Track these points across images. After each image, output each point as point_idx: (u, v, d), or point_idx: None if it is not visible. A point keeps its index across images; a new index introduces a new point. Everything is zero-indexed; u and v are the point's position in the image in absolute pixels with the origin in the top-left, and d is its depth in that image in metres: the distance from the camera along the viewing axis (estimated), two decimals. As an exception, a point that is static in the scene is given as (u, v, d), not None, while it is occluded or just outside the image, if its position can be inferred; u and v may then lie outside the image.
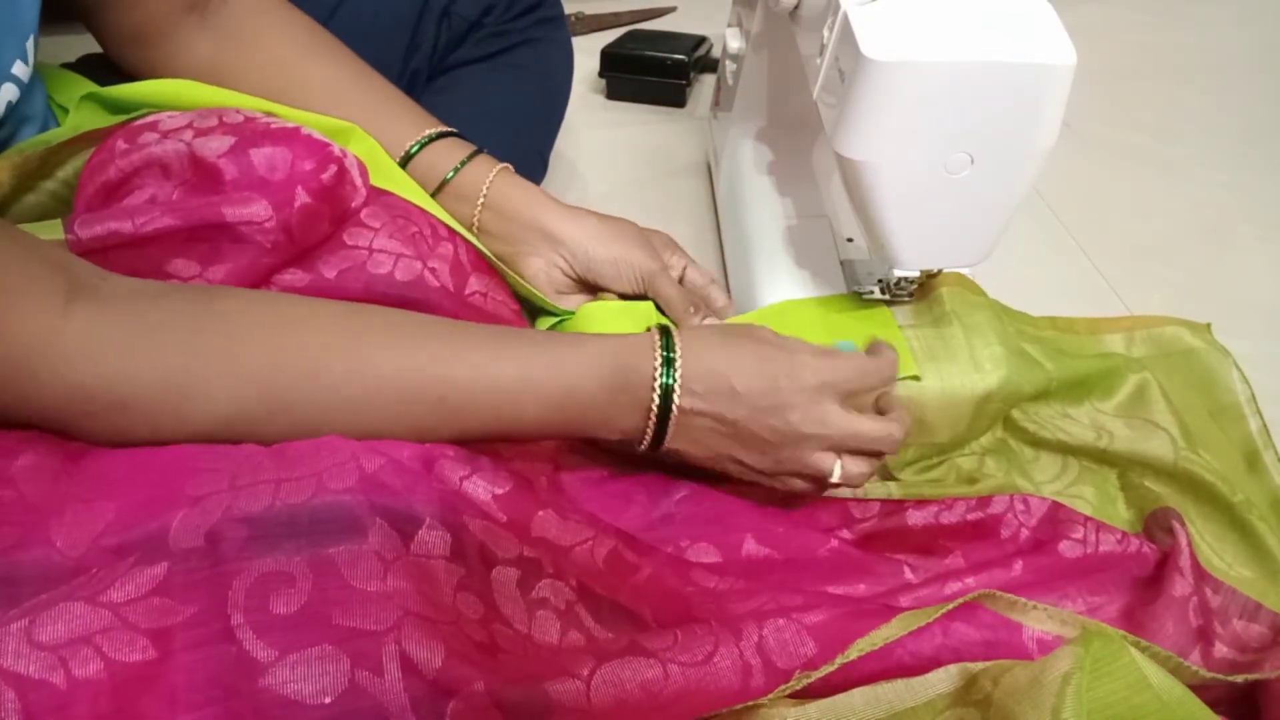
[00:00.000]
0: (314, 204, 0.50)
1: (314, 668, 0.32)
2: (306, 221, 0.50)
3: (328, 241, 0.53)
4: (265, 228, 0.49)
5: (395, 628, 0.34)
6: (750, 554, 0.52)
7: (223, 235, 0.48)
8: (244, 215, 0.48)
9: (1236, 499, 0.60)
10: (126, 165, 0.50)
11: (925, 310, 0.64)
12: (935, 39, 0.47)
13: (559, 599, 0.43)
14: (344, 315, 0.45)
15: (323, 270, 0.52)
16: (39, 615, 0.32)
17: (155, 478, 0.38)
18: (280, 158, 0.50)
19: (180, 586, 0.34)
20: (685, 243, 0.70)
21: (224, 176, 0.49)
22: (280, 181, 0.49)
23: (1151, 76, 1.19)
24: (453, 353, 0.45)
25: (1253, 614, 0.55)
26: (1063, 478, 0.64)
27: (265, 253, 0.49)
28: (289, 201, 0.49)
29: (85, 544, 0.35)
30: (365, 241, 0.53)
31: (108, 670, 0.32)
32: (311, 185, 0.50)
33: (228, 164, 0.49)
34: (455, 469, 0.43)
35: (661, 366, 0.48)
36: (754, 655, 0.41)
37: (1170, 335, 0.70)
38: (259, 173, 0.49)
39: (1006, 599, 0.45)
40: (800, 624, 0.43)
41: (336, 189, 0.52)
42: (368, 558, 0.36)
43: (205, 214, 0.48)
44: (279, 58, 0.61)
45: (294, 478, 0.38)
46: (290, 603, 0.34)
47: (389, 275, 0.53)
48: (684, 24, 1.20)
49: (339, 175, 0.51)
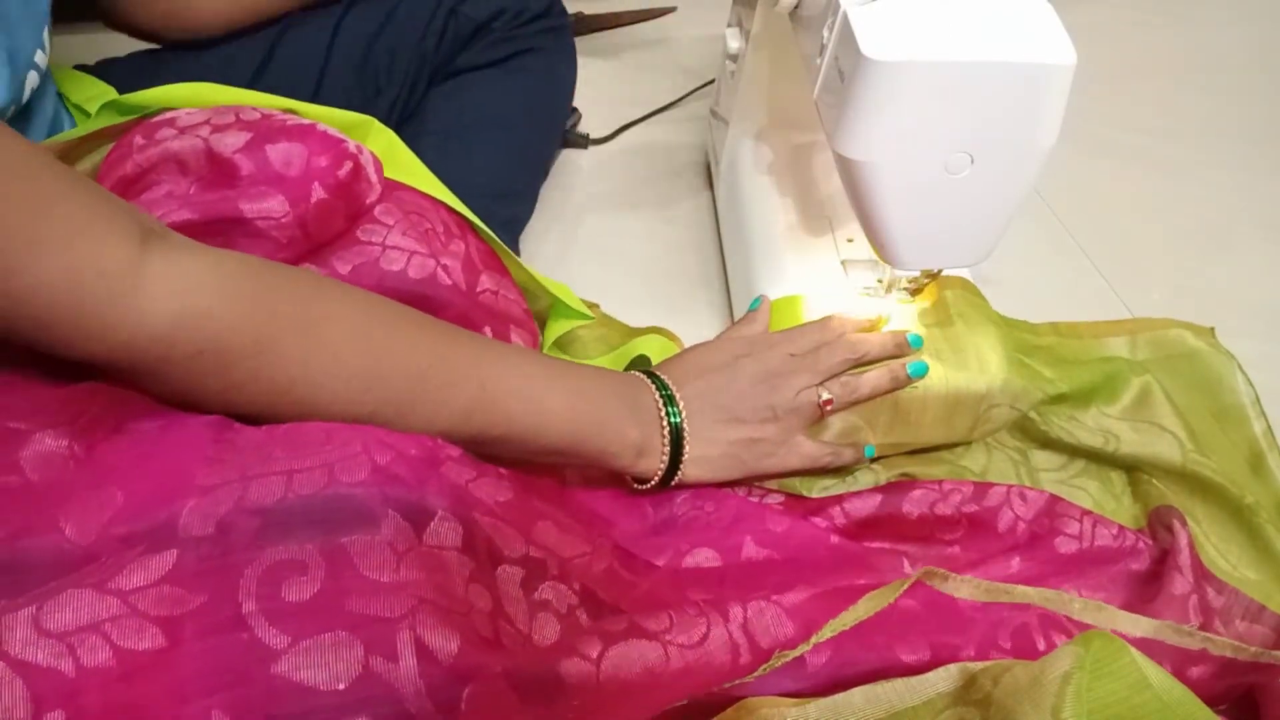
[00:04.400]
0: (329, 200, 0.50)
1: (327, 654, 0.32)
2: (322, 217, 0.50)
3: (342, 237, 0.53)
4: (281, 223, 0.49)
5: (410, 614, 0.34)
6: (750, 556, 0.52)
7: (238, 230, 0.48)
8: (260, 210, 0.48)
9: (1245, 501, 0.60)
10: (144, 160, 0.50)
11: (930, 312, 0.64)
12: (935, 39, 0.47)
13: (561, 603, 0.43)
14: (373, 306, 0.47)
15: (336, 266, 0.52)
16: (47, 603, 0.32)
17: (164, 466, 0.38)
18: (296, 153, 0.50)
19: (190, 575, 0.34)
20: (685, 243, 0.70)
21: (240, 172, 0.49)
22: (296, 177, 0.49)
23: (1151, 76, 1.19)
24: (486, 347, 0.50)
25: (1256, 615, 0.55)
26: (1068, 468, 0.65)
27: (280, 247, 0.50)
28: (305, 197, 0.49)
29: (94, 532, 0.35)
30: (379, 238, 0.53)
31: (116, 658, 0.31)
32: (327, 181, 0.50)
33: (244, 159, 0.49)
34: (461, 472, 0.43)
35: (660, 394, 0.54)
36: (740, 634, 0.44)
37: (1173, 338, 0.70)
38: (275, 168, 0.49)
39: (941, 574, 0.50)
40: (780, 605, 0.46)
41: (352, 185, 0.52)
42: (381, 548, 0.36)
43: (221, 208, 0.48)
44: None
45: (306, 469, 0.37)
46: (303, 590, 0.34)
47: (402, 272, 0.53)
48: (684, 24, 1.19)
49: (354, 171, 0.52)
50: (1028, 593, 0.50)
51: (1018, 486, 0.59)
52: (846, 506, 0.57)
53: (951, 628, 0.48)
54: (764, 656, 0.43)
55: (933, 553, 0.56)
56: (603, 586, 0.46)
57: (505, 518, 0.43)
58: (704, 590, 0.49)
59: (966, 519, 0.57)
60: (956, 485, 0.58)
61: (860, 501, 0.57)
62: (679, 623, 0.43)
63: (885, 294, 0.66)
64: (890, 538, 0.56)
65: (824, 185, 0.76)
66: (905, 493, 0.57)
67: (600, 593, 0.46)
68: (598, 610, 0.45)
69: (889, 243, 0.57)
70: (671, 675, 0.41)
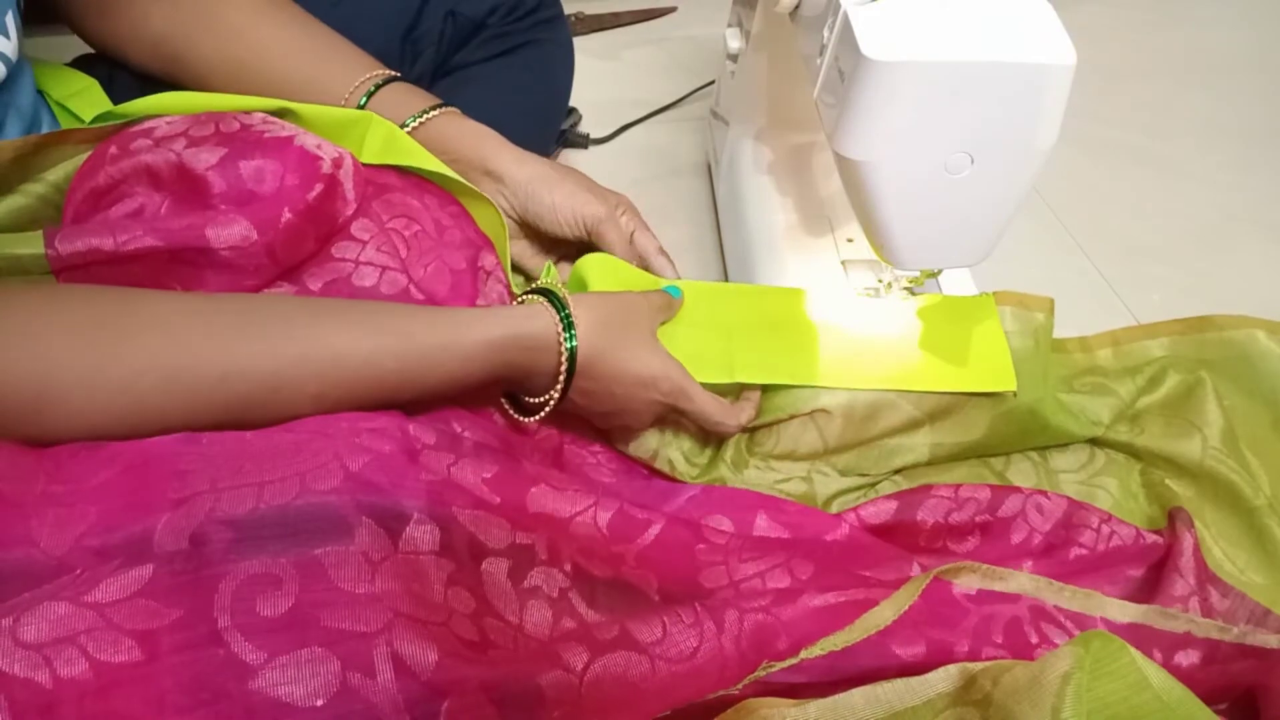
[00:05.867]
0: (297, 223, 0.50)
1: (304, 670, 0.32)
2: (290, 242, 0.50)
3: (314, 254, 0.53)
4: (248, 251, 0.48)
5: (386, 629, 0.34)
6: (763, 531, 0.52)
7: (205, 258, 0.48)
8: (226, 238, 0.47)
9: (1259, 503, 0.60)
10: (116, 172, 0.49)
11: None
12: (935, 39, 0.47)
13: (551, 587, 0.43)
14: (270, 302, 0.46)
15: (308, 283, 0.52)
16: (23, 614, 0.32)
17: (135, 479, 0.38)
18: (270, 170, 0.49)
19: (165, 589, 0.34)
20: (686, 242, 0.69)
21: (212, 190, 0.49)
22: (267, 196, 0.49)
23: (1151, 76, 1.19)
24: (395, 308, 0.48)
25: (1260, 619, 0.55)
26: (1088, 467, 0.65)
27: (248, 274, 0.49)
28: (274, 222, 0.48)
29: (68, 544, 0.35)
30: (353, 254, 0.53)
31: (94, 670, 0.31)
32: (297, 205, 0.49)
33: (216, 177, 0.49)
34: (440, 458, 0.43)
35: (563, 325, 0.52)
36: (732, 646, 0.44)
37: (1242, 338, 0.69)
38: (247, 185, 0.49)
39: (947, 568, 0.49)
40: (777, 619, 0.46)
41: (322, 206, 0.51)
42: (355, 559, 0.35)
43: (187, 237, 0.47)
44: (235, 24, 0.61)
45: (277, 479, 0.37)
46: (278, 604, 0.34)
47: (374, 288, 0.52)
48: (684, 24, 1.20)
49: (326, 192, 0.51)
50: (1020, 580, 0.51)
51: (1036, 494, 0.58)
52: (862, 514, 0.57)
53: (945, 620, 0.48)
54: (749, 668, 0.43)
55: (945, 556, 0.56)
56: (606, 545, 0.46)
57: (495, 496, 0.43)
58: (719, 534, 0.50)
59: (980, 529, 0.57)
60: (973, 492, 0.58)
61: (875, 509, 0.57)
62: (671, 633, 0.43)
63: (886, 293, 0.66)
64: (903, 547, 0.56)
65: (824, 185, 0.76)
66: (921, 500, 0.58)
67: (599, 559, 0.46)
68: (591, 589, 0.45)
69: (889, 243, 0.57)
70: (656, 688, 0.41)
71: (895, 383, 0.60)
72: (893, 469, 0.62)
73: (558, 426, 0.59)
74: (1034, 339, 0.63)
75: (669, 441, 0.60)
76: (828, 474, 0.60)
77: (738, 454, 0.60)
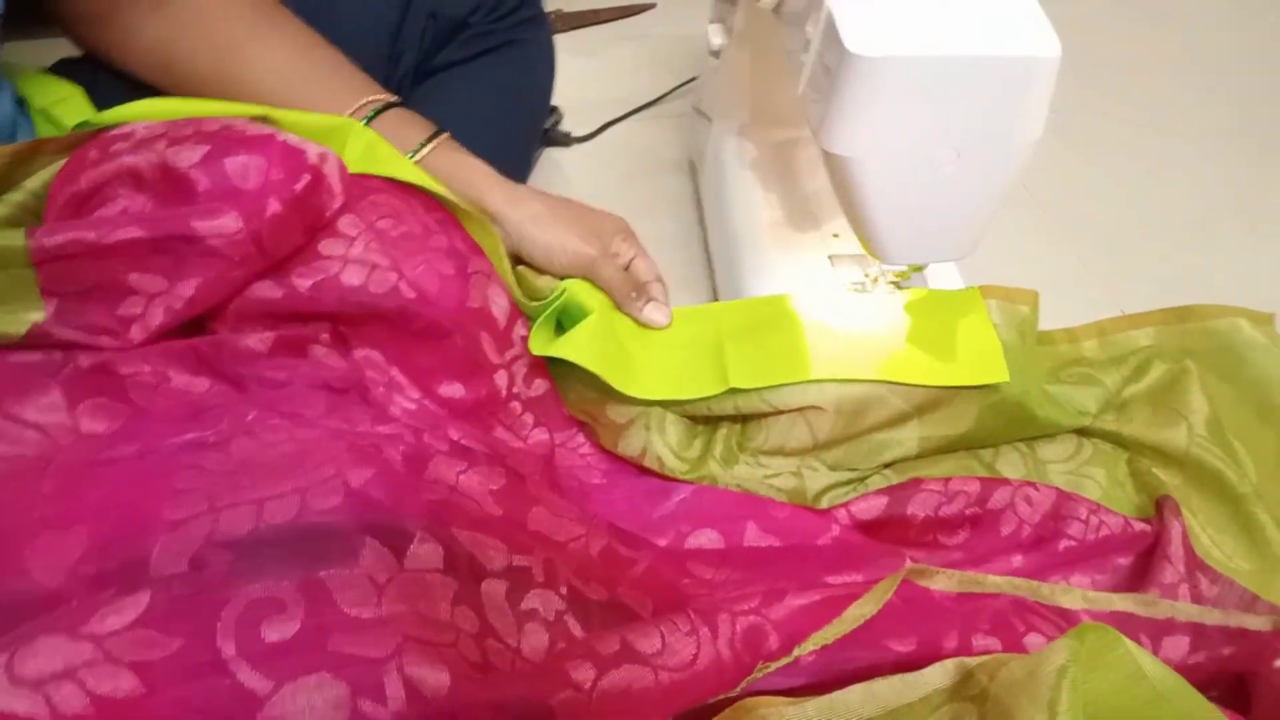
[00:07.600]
0: (285, 214, 0.49)
1: (313, 697, 0.32)
2: (277, 233, 0.49)
3: (301, 252, 0.52)
4: (235, 240, 0.47)
5: (396, 653, 0.33)
6: (753, 542, 0.52)
7: (190, 248, 0.47)
8: (212, 228, 0.47)
9: (1244, 490, 0.60)
10: (97, 175, 0.49)
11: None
12: (920, 33, 0.47)
13: (548, 610, 0.43)
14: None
15: (296, 282, 0.51)
16: (19, 650, 0.31)
17: (128, 499, 0.37)
18: (254, 166, 0.49)
19: (164, 616, 0.33)
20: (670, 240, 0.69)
21: (196, 188, 0.48)
22: (252, 191, 0.48)
23: (1138, 69, 1.19)
24: None
25: (1249, 604, 0.55)
26: (1076, 457, 0.65)
27: (234, 265, 0.48)
28: (260, 212, 0.48)
29: (62, 573, 0.34)
30: (340, 251, 0.52)
31: (94, 706, 0.30)
32: (283, 195, 0.49)
33: (199, 174, 0.48)
34: (451, 465, 0.43)
35: None
36: (727, 649, 0.44)
37: (1226, 326, 0.69)
38: (231, 182, 0.48)
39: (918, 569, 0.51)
40: (766, 619, 0.46)
41: (309, 198, 0.50)
42: (361, 582, 0.35)
43: (172, 225, 0.46)
44: (228, 39, 0.60)
45: (277, 495, 0.37)
46: (284, 630, 0.33)
47: (362, 287, 0.52)
48: (664, 21, 1.19)
49: (313, 184, 0.50)
50: (997, 582, 0.51)
51: (1025, 485, 0.59)
52: (853, 509, 0.57)
53: (931, 616, 0.49)
54: (749, 670, 0.44)
55: (936, 558, 0.56)
56: (600, 570, 0.46)
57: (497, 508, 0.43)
58: (705, 567, 0.49)
59: (969, 522, 0.57)
60: (962, 485, 0.58)
61: (866, 504, 0.57)
62: (670, 643, 0.43)
63: (872, 288, 0.66)
64: (894, 542, 0.56)
65: (809, 181, 0.76)
66: (911, 494, 0.58)
67: (594, 583, 0.45)
68: (586, 612, 0.44)
69: (875, 237, 0.57)
70: (660, 698, 0.41)
71: (887, 376, 0.59)
72: (882, 463, 0.62)
73: (547, 426, 0.58)
74: (1019, 332, 0.63)
75: (655, 439, 0.60)
76: (817, 469, 0.60)
77: (727, 450, 0.60)
